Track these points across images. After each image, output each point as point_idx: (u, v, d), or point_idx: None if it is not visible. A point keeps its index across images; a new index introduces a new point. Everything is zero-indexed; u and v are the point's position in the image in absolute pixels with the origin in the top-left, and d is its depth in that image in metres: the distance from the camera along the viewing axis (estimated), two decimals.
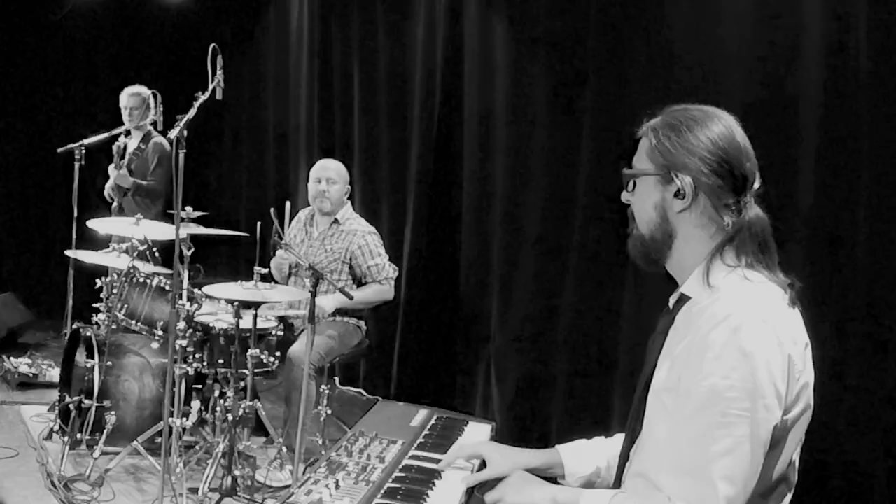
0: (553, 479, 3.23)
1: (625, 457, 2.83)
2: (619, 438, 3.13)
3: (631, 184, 2.76)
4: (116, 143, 8.31)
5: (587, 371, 6.32)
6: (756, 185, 2.64)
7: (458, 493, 3.11)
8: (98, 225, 6.94)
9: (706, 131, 2.61)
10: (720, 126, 2.62)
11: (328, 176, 6.88)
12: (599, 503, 2.67)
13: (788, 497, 2.70)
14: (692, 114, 2.66)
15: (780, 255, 2.67)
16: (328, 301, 6.48)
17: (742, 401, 2.38)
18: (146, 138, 8.63)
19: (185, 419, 6.36)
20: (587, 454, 3.19)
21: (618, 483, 2.86)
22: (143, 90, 8.62)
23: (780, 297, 2.56)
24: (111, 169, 8.34)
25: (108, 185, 8.60)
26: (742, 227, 2.59)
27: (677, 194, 2.61)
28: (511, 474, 3.02)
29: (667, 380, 2.63)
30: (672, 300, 2.78)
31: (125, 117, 8.55)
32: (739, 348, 2.40)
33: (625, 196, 2.80)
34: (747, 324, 2.42)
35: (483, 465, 3.25)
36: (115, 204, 8.44)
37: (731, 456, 2.39)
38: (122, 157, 8.28)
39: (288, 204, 6.29)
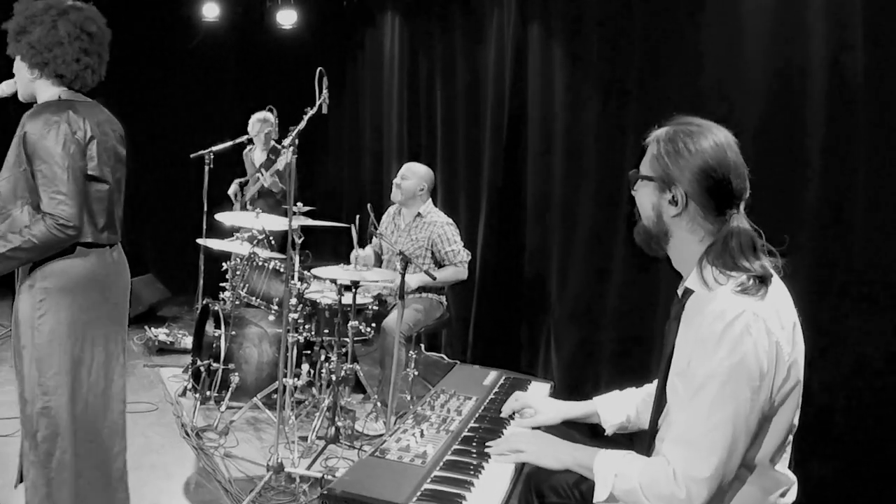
0: (595, 427, 3.35)
1: (654, 424, 2.87)
2: (649, 388, 3.23)
3: (635, 183, 2.81)
4: (272, 157, 8.39)
5: (629, 339, 6.30)
6: (745, 195, 2.65)
7: None
8: (225, 218, 6.93)
9: (700, 149, 2.63)
10: (713, 144, 2.63)
11: (403, 173, 6.95)
12: (613, 461, 2.72)
13: (790, 448, 2.74)
14: (691, 129, 2.68)
15: (789, 239, 2.70)
16: (413, 279, 6.45)
17: (733, 384, 2.46)
18: (274, 150, 8.75)
19: (296, 379, 6.34)
20: (619, 405, 3.25)
21: (648, 447, 2.89)
22: (268, 116, 8.69)
23: (764, 289, 2.57)
24: (265, 176, 8.39)
25: (233, 188, 8.76)
26: (727, 234, 2.62)
27: (671, 201, 2.66)
28: (536, 435, 3.11)
29: (679, 364, 2.68)
30: (679, 291, 2.83)
31: (252, 134, 8.70)
32: (733, 339, 2.46)
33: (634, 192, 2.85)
34: (740, 318, 2.47)
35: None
36: (237, 204, 8.57)
37: (720, 431, 2.47)
38: (267, 168, 8.42)
39: (369, 206, 6.33)
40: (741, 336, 2.47)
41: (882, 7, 4.42)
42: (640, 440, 2.88)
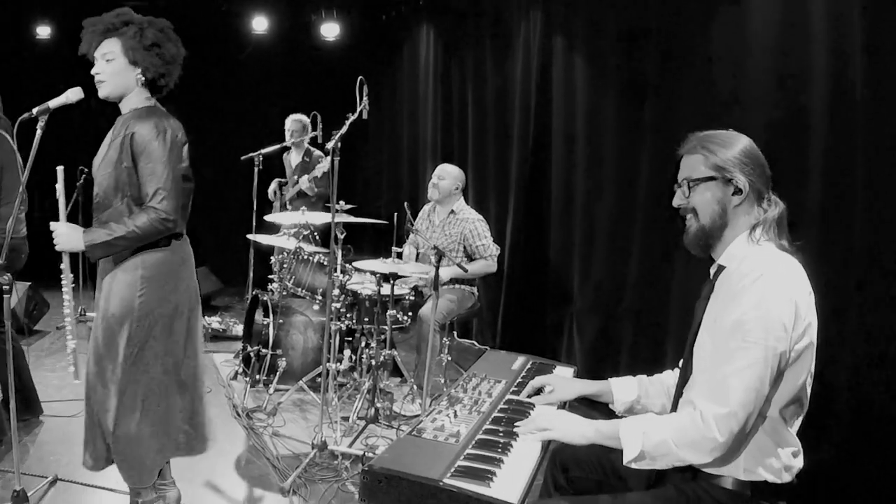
0: (605, 406, 3.36)
1: (679, 391, 2.93)
2: (659, 376, 3.27)
3: (688, 189, 2.84)
4: (306, 160, 8.45)
5: (645, 328, 6.31)
6: (770, 184, 2.78)
7: None
8: (276, 218, 7.00)
9: (742, 148, 2.78)
10: (748, 143, 2.80)
11: (440, 174, 6.98)
12: (639, 422, 2.77)
13: (801, 417, 2.79)
14: (723, 137, 2.81)
15: (797, 227, 2.85)
16: (446, 271, 6.42)
17: (758, 331, 2.56)
18: (308, 153, 8.79)
19: (338, 364, 6.40)
20: (631, 386, 3.28)
21: (672, 411, 2.94)
22: (302, 117, 8.72)
23: (790, 259, 2.72)
24: (304, 179, 8.43)
25: (272, 188, 8.79)
26: (771, 214, 2.77)
27: (735, 192, 2.76)
28: (561, 414, 3.10)
29: (708, 322, 2.79)
30: (712, 271, 2.90)
31: (287, 137, 8.68)
32: (759, 293, 2.58)
33: (678, 201, 2.89)
34: (765, 276, 2.60)
35: None
36: (276, 203, 8.60)
37: (746, 371, 2.56)
38: (306, 171, 8.44)
39: (406, 204, 6.34)
40: (766, 292, 2.58)
41: (877, 22, 4.42)
42: None
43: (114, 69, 3.95)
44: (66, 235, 3.85)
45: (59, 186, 4.08)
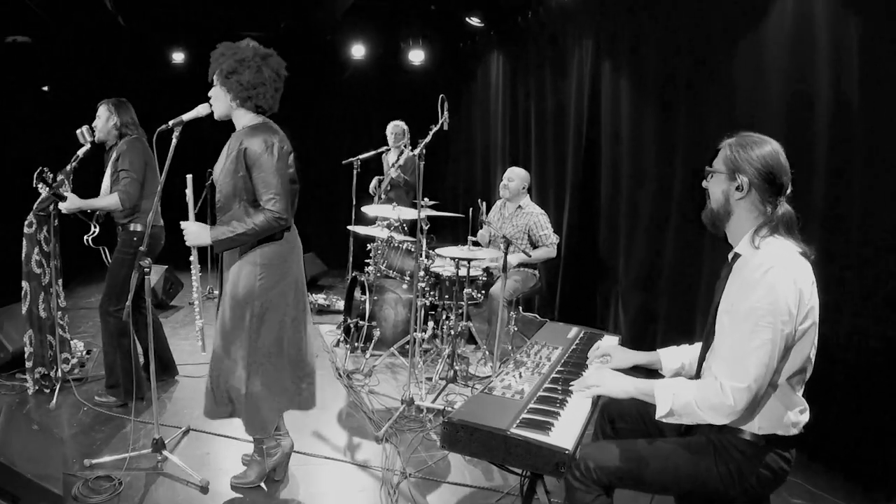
0: (655, 371, 3.33)
1: (702, 358, 2.92)
2: (697, 345, 3.21)
3: (710, 176, 2.86)
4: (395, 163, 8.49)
5: (678, 303, 6.25)
6: (788, 190, 2.74)
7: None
8: (370, 210, 7.01)
9: (761, 152, 2.73)
10: (770, 150, 2.73)
11: (509, 176, 6.93)
12: (670, 383, 2.80)
13: (805, 382, 2.78)
14: (755, 139, 2.77)
15: (804, 222, 2.81)
16: (513, 257, 6.47)
17: (768, 316, 2.56)
18: (401, 153, 8.85)
19: (423, 333, 6.45)
20: (676, 355, 3.26)
21: (697, 373, 2.95)
22: (401, 123, 8.72)
23: (796, 253, 2.68)
24: (392, 170, 8.39)
25: (373, 184, 8.84)
26: (775, 215, 2.73)
27: (737, 188, 2.75)
28: (608, 373, 3.10)
29: (726, 305, 2.74)
30: (730, 256, 2.86)
31: (389, 140, 8.68)
32: (769, 284, 2.57)
33: (704, 183, 2.89)
34: (774, 268, 2.58)
35: None
36: (376, 197, 8.65)
37: (759, 351, 2.57)
38: (393, 166, 8.49)
39: (480, 199, 6.33)
40: (775, 282, 2.57)
41: (872, 49, 4.38)
42: None
43: (215, 94, 4.03)
44: (195, 233, 3.93)
45: (189, 191, 4.16)
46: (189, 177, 4.13)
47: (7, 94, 10.07)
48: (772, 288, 2.57)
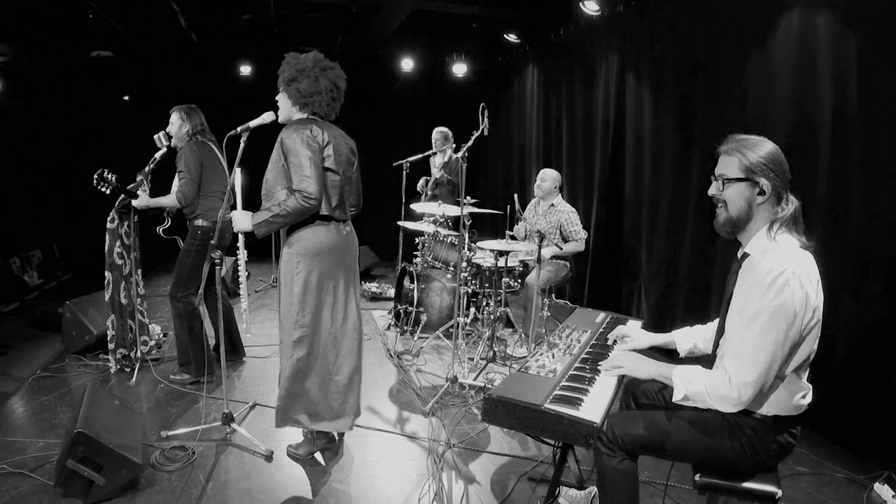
0: (671, 353, 3.36)
1: (715, 346, 2.87)
2: (708, 326, 3.23)
3: (722, 185, 2.72)
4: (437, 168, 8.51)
5: (694, 293, 6.25)
6: (789, 186, 2.69)
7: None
8: (418, 207, 7.05)
9: (769, 153, 2.64)
10: (772, 147, 2.65)
11: (542, 177, 6.88)
12: (686, 371, 2.75)
13: (808, 369, 2.75)
14: (754, 140, 2.67)
15: (808, 219, 2.76)
16: (546, 250, 6.45)
17: (777, 317, 2.51)
18: (446, 155, 8.86)
19: (466, 318, 6.45)
20: (689, 336, 3.26)
21: (711, 362, 2.87)
22: (444, 129, 8.58)
23: (802, 253, 2.61)
24: (436, 169, 8.35)
25: (420, 183, 8.86)
26: (788, 212, 2.66)
27: (760, 192, 2.64)
28: (632, 355, 3.08)
29: (736, 305, 2.69)
30: (739, 255, 2.79)
31: (434, 144, 8.59)
32: (777, 288, 2.51)
33: (713, 191, 2.77)
34: (783, 274, 2.51)
35: None
36: (423, 195, 8.67)
37: (765, 351, 2.54)
38: (438, 167, 8.50)
39: (516, 196, 6.33)
40: (783, 286, 2.50)
41: (870, 65, 4.37)
42: (703, 362, 2.91)
43: (280, 99, 4.02)
44: (240, 220, 3.88)
45: (237, 184, 4.24)
46: (237, 170, 4.13)
47: (92, 102, 10.31)
48: (780, 292, 2.51)
